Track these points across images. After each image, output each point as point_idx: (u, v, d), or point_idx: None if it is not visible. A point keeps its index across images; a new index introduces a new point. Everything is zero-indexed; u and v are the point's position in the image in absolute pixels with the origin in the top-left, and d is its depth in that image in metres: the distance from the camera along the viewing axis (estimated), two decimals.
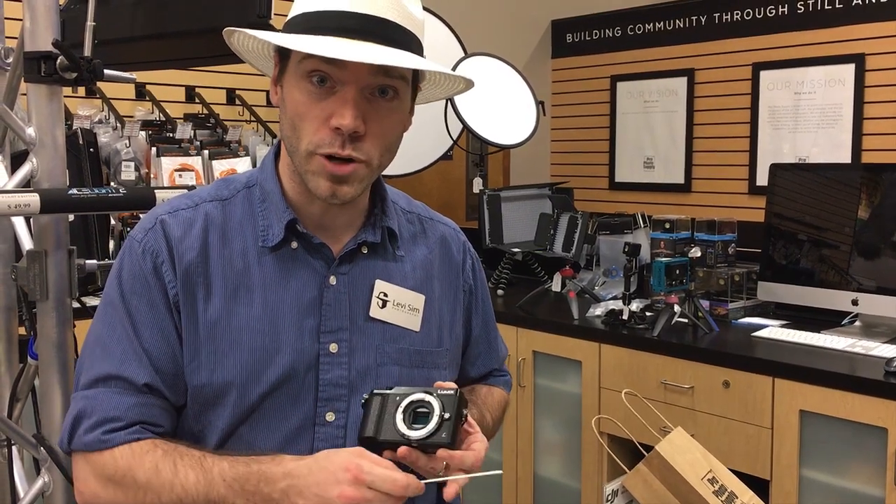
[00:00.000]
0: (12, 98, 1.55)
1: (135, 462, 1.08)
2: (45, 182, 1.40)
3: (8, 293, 1.61)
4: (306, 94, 1.10)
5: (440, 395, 1.10)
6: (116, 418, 1.10)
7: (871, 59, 3.03)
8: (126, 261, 1.17)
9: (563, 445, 2.89)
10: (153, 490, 1.07)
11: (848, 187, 2.65)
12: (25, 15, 1.40)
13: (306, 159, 1.12)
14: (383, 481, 1.01)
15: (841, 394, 2.18)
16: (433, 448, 1.08)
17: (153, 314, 1.14)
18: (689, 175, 3.59)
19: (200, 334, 1.14)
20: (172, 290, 1.14)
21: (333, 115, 1.08)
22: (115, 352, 1.12)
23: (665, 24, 3.65)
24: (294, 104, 1.12)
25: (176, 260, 1.15)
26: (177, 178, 2.88)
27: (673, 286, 2.63)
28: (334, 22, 1.08)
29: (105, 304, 1.16)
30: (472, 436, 1.13)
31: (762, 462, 2.34)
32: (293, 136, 1.13)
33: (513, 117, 3.26)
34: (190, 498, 1.05)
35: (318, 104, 1.10)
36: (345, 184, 1.12)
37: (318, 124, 1.10)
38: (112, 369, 1.12)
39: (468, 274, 1.35)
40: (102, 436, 1.10)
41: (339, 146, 1.09)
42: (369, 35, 1.08)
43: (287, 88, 1.14)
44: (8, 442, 1.58)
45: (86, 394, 1.13)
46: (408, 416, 1.10)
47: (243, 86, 3.37)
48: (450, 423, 1.08)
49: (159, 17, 1.62)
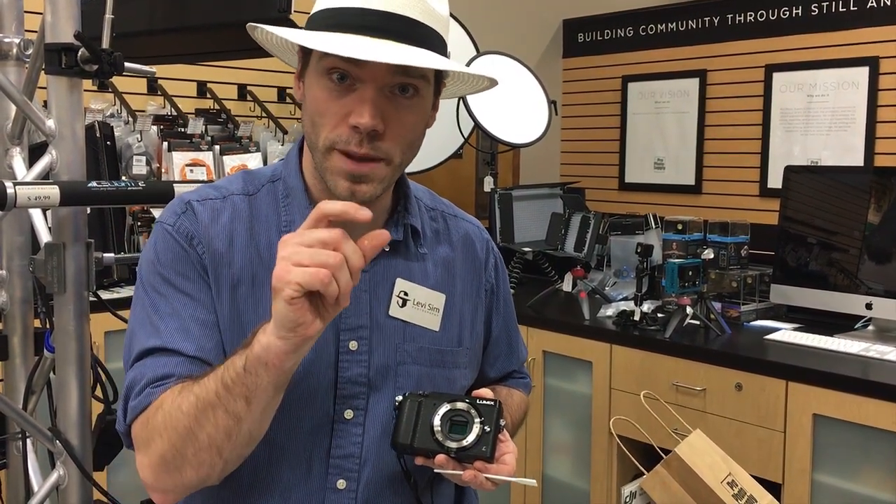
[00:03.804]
0: (31, 90, 1.55)
1: (165, 397, 1.04)
2: (64, 174, 1.40)
3: (24, 285, 1.60)
4: (326, 91, 1.09)
5: (479, 404, 1.09)
6: (167, 375, 1.07)
7: (885, 63, 3.01)
8: (161, 243, 1.15)
9: (573, 446, 2.89)
10: (175, 406, 1.02)
11: (860, 191, 2.64)
12: (46, 8, 1.39)
13: (324, 156, 1.11)
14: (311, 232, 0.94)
15: (854, 398, 2.17)
16: (470, 459, 1.07)
17: (197, 289, 1.13)
18: (699, 176, 3.58)
19: (223, 324, 1.13)
20: (207, 268, 1.14)
21: (352, 112, 1.07)
22: (162, 327, 1.11)
23: (677, 25, 3.64)
24: (314, 100, 1.11)
25: (206, 243, 1.15)
26: (188, 172, 2.87)
27: (685, 288, 2.62)
28: (355, 19, 1.07)
29: (144, 288, 1.15)
30: (504, 445, 1.12)
31: (774, 465, 2.33)
32: (312, 132, 1.12)
33: (525, 116, 3.26)
34: (203, 390, 1.00)
35: (338, 101, 1.09)
36: (364, 183, 1.10)
37: (336, 121, 1.09)
38: (161, 342, 1.10)
39: (491, 273, 1.34)
40: (151, 389, 1.06)
41: (356, 144, 1.08)
42: (389, 33, 1.07)
43: (308, 84, 1.13)
44: (23, 435, 1.58)
45: (134, 367, 1.11)
46: (445, 425, 1.08)
47: (255, 81, 3.37)
48: (490, 436, 1.07)
49: (179, 11, 1.62)
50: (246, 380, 0.98)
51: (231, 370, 0.98)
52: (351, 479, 1.16)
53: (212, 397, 1.00)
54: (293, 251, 0.92)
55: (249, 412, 1.00)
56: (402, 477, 1.18)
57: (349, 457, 1.15)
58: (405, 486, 1.18)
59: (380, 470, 1.17)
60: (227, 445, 1.02)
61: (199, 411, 1.00)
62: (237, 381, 0.98)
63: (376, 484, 1.17)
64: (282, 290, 0.91)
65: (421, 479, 1.21)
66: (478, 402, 1.10)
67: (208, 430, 1.01)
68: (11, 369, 1.63)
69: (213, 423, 1.00)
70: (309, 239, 0.93)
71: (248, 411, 0.99)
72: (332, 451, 1.15)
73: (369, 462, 1.16)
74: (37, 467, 1.59)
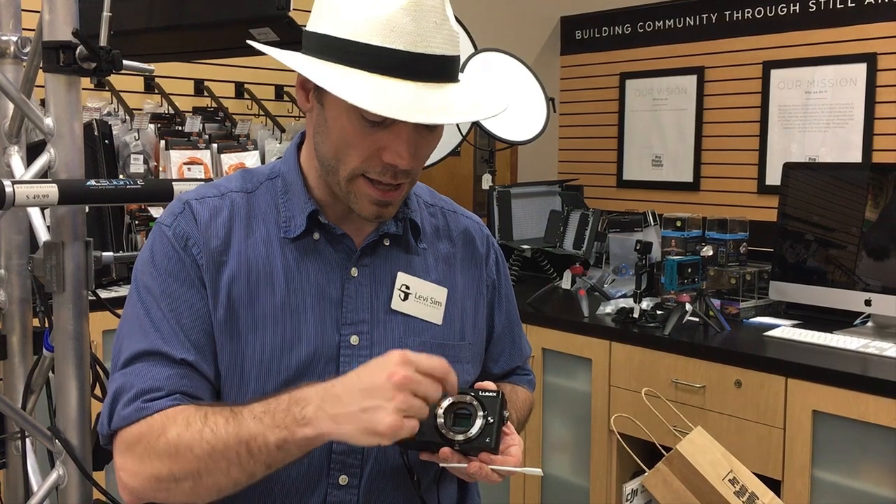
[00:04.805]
0: (29, 88, 1.54)
1: (167, 421, 1.04)
2: (62, 173, 1.39)
3: (23, 284, 1.60)
4: (357, 124, 1.06)
5: (482, 396, 1.09)
6: (156, 388, 1.07)
7: (882, 59, 3.01)
8: (157, 244, 1.16)
9: (573, 443, 2.88)
10: (184, 444, 1.01)
11: (858, 187, 2.64)
12: (44, 5, 1.39)
13: (349, 181, 1.11)
14: (429, 361, 0.98)
15: (854, 394, 2.17)
16: (475, 451, 1.07)
17: (190, 292, 1.13)
18: (697, 173, 3.58)
19: (222, 322, 1.13)
20: (202, 270, 1.14)
21: (386, 149, 1.06)
22: (151, 331, 1.11)
23: (675, 22, 3.64)
24: (341, 131, 1.08)
25: (203, 243, 1.14)
26: (185, 171, 2.87)
27: (684, 285, 2.62)
28: (392, 61, 1.02)
29: (138, 289, 1.15)
30: (509, 437, 1.12)
31: (774, 462, 2.33)
32: (333, 158, 1.11)
33: (523, 113, 3.25)
34: (221, 443, 0.99)
35: (370, 136, 1.07)
36: (390, 205, 1.13)
37: (368, 154, 1.08)
38: (148, 346, 1.10)
39: (492, 269, 1.34)
40: (142, 404, 1.06)
41: (390, 177, 1.09)
42: (421, 75, 1.03)
43: (330, 108, 1.09)
44: (22, 434, 1.57)
45: (123, 371, 1.11)
46: (448, 417, 1.08)
47: (252, 80, 3.36)
48: (493, 427, 1.07)
49: (177, 9, 1.61)
50: (276, 454, 0.99)
51: (260, 441, 0.98)
52: (353, 474, 1.15)
53: (231, 455, 1.00)
54: (408, 404, 0.95)
55: (266, 473, 1.02)
56: (404, 473, 1.18)
57: (351, 452, 1.15)
58: (407, 482, 1.18)
59: (382, 465, 1.17)
60: (230, 490, 1.04)
61: (212, 461, 1.00)
62: (264, 451, 0.99)
63: (378, 480, 1.17)
64: (388, 437, 0.95)
65: (423, 476, 1.20)
66: (481, 393, 1.09)
67: (217, 477, 1.02)
68: (10, 369, 1.62)
69: (226, 474, 1.01)
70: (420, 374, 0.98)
71: (265, 473, 1.01)
72: (334, 446, 1.14)
73: (371, 458, 1.16)
74: (36, 467, 1.59)
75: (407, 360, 0.97)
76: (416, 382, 0.96)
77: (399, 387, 0.95)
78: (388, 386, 0.95)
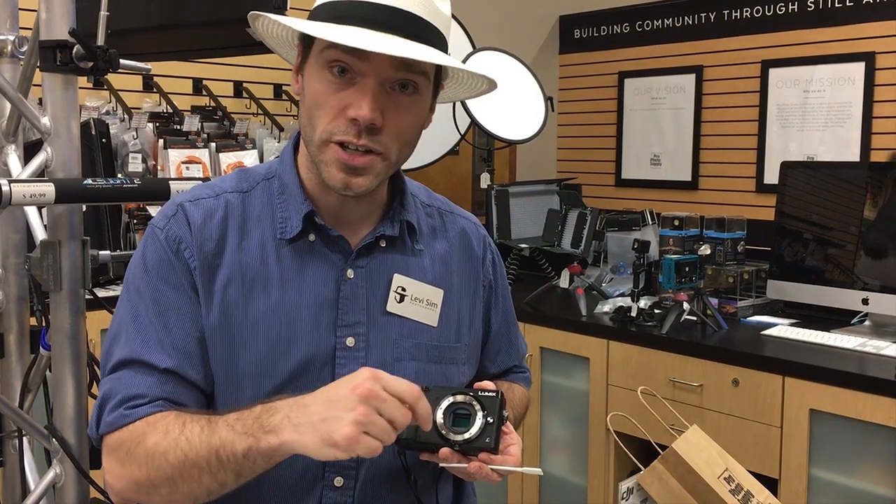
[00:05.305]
0: (26, 87, 1.54)
1: (148, 428, 1.05)
2: (59, 172, 1.40)
3: (20, 283, 1.60)
4: (325, 84, 1.09)
5: (481, 396, 1.09)
6: (140, 395, 1.08)
7: (881, 58, 3.01)
8: (150, 247, 1.16)
9: (570, 442, 2.89)
10: (160, 452, 1.02)
11: (857, 186, 2.64)
12: (41, 5, 1.39)
13: (320, 148, 1.11)
14: (398, 383, 0.97)
15: (851, 393, 2.18)
16: (475, 451, 1.07)
17: (179, 297, 1.13)
18: (696, 172, 3.58)
19: (216, 326, 1.13)
20: (195, 274, 1.14)
21: (351, 105, 1.07)
22: (137, 337, 1.11)
23: (674, 21, 3.64)
24: (312, 93, 1.11)
25: (196, 246, 1.14)
26: (184, 170, 2.87)
27: (682, 283, 2.62)
28: (360, 12, 1.06)
29: (128, 291, 1.15)
30: (509, 437, 1.12)
31: (771, 461, 2.33)
32: (309, 124, 1.12)
33: (521, 112, 3.25)
34: (194, 450, 1.00)
35: (337, 94, 1.08)
36: (359, 175, 1.10)
37: (334, 113, 1.09)
38: (133, 353, 1.11)
39: (488, 269, 1.34)
40: (125, 411, 1.08)
41: (353, 135, 1.08)
42: (395, 28, 1.06)
43: (307, 77, 1.12)
44: (19, 433, 1.57)
45: (110, 377, 1.12)
46: (448, 418, 1.08)
47: (251, 78, 3.36)
48: (493, 427, 1.07)
49: (174, 7, 1.61)
50: (243, 463, 0.99)
51: (229, 448, 0.99)
52: (348, 476, 1.15)
53: (202, 463, 1.00)
54: (369, 419, 0.93)
55: (237, 482, 1.02)
56: (400, 474, 1.17)
57: None
58: (403, 484, 1.18)
59: (378, 467, 1.16)
60: (204, 498, 1.05)
61: (185, 468, 1.02)
62: (232, 460, 0.99)
63: (374, 481, 1.16)
64: (342, 448, 0.93)
65: (420, 477, 1.20)
66: (480, 393, 1.09)
67: (191, 485, 1.03)
68: (7, 367, 1.62)
69: (198, 482, 1.02)
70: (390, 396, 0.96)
71: (235, 482, 1.02)
72: None
73: (367, 459, 1.16)
74: (33, 465, 1.59)
75: (376, 376, 0.96)
76: (380, 399, 0.94)
77: (361, 399, 0.93)
78: (352, 397, 0.94)
